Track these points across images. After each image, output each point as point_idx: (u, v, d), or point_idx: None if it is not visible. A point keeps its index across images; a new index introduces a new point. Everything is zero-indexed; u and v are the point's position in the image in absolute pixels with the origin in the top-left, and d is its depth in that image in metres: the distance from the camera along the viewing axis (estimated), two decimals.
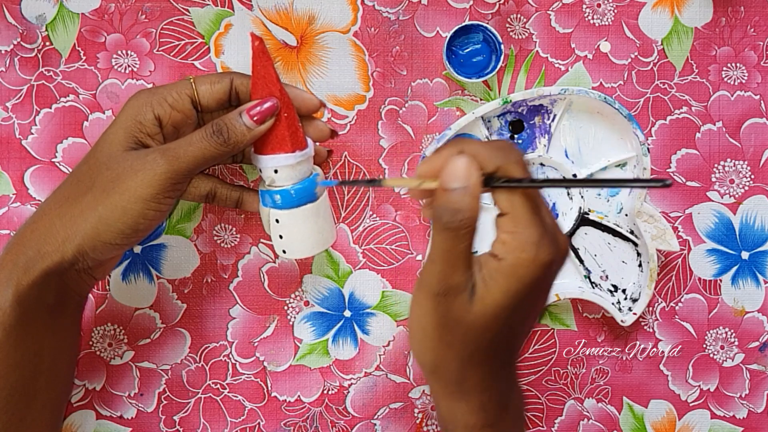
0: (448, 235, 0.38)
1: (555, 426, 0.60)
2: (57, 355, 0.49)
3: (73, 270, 0.47)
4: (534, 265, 0.38)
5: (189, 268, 0.58)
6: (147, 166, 0.46)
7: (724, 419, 0.60)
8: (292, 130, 0.49)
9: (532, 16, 0.58)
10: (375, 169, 0.58)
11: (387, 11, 0.58)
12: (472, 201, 0.38)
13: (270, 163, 0.49)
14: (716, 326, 0.60)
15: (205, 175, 0.55)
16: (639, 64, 0.59)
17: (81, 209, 0.46)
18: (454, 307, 0.39)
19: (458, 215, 0.38)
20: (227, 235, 0.58)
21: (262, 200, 0.51)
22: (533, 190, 0.39)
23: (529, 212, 0.39)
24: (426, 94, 0.58)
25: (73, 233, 0.46)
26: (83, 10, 0.57)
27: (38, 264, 0.46)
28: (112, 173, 0.47)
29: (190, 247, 0.57)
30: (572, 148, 0.58)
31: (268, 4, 0.57)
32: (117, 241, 0.47)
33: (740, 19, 0.59)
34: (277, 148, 0.49)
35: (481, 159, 0.39)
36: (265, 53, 0.49)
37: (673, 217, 0.59)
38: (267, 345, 0.58)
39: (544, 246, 0.38)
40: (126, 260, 0.57)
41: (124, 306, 0.57)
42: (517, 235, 0.38)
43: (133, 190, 0.46)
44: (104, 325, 0.57)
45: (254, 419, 0.58)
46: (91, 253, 0.47)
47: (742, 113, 0.59)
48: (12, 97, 0.57)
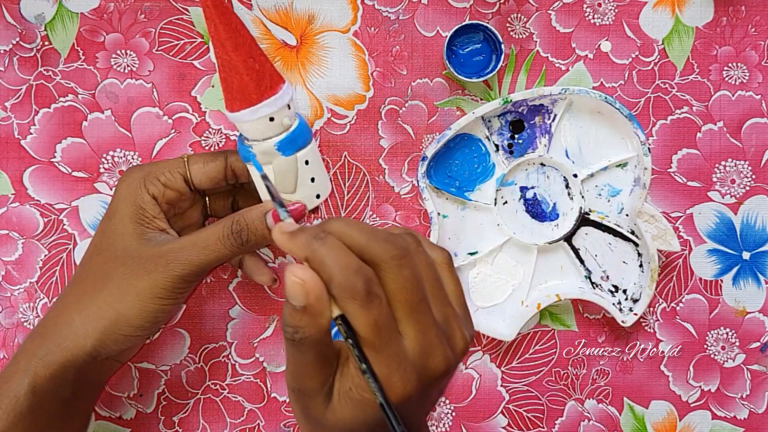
0: (291, 345, 0.36)
1: (555, 427, 0.60)
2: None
3: (94, 361, 0.48)
4: (377, 405, 0.36)
5: None
6: (160, 268, 0.47)
7: (725, 420, 0.60)
8: (265, 69, 0.45)
9: (532, 15, 0.58)
10: (375, 169, 0.58)
11: (387, 11, 0.57)
12: (311, 320, 0.35)
13: (264, 111, 0.45)
14: (717, 327, 0.60)
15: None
16: (640, 63, 0.59)
17: (99, 305, 0.47)
18: (311, 406, 0.37)
19: (297, 333, 0.35)
20: None
21: (259, 159, 0.47)
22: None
23: (373, 352, 0.35)
24: (426, 94, 0.58)
25: (93, 329, 0.47)
26: (82, 9, 0.56)
27: (57, 356, 0.47)
28: (127, 270, 0.47)
29: None
30: (573, 148, 0.58)
31: (268, 3, 0.57)
32: (138, 333, 0.48)
33: (741, 18, 0.59)
34: (266, 93, 0.45)
35: (323, 276, 0.35)
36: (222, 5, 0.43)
37: (674, 217, 0.59)
38: (267, 345, 0.58)
39: (391, 387, 0.35)
40: None
41: None
42: (360, 373, 0.36)
43: (149, 290, 0.47)
44: None
45: (254, 420, 0.58)
46: (112, 345, 0.48)
47: (743, 113, 0.59)
48: (11, 97, 0.56)
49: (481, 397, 0.59)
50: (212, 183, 0.51)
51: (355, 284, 0.35)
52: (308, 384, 0.37)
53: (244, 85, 0.44)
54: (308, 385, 0.37)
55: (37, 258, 0.57)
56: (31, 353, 0.47)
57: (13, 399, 0.46)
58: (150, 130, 0.57)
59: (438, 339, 0.37)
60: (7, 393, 0.47)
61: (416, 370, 0.36)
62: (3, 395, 0.47)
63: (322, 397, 0.37)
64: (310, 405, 0.37)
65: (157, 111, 0.57)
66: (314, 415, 0.38)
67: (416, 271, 0.36)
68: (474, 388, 0.59)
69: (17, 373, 0.47)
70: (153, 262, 0.47)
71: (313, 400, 0.37)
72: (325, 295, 0.35)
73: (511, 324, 0.58)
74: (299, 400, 0.38)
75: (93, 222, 0.57)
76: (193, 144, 0.57)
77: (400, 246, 0.36)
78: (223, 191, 0.54)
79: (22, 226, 0.57)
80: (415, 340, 0.36)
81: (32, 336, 0.49)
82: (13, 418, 0.46)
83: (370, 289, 0.35)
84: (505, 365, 0.59)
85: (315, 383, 0.37)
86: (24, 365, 0.47)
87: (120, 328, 0.47)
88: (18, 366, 0.47)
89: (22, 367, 0.47)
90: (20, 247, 0.57)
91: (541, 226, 0.59)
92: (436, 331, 0.37)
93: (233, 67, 0.43)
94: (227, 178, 0.51)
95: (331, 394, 0.37)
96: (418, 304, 0.36)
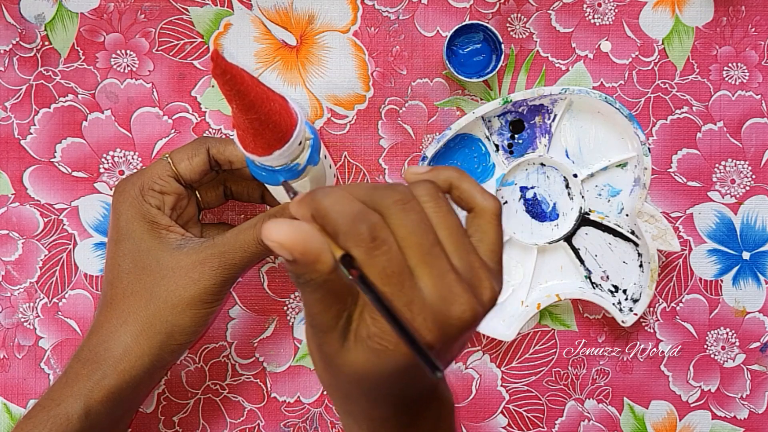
0: (298, 285, 0.35)
1: (555, 427, 0.59)
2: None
3: (148, 376, 0.49)
4: (396, 354, 0.34)
5: None
6: (205, 275, 0.48)
7: (725, 420, 0.60)
8: (284, 108, 0.44)
9: (532, 15, 0.58)
10: (375, 169, 0.58)
11: (387, 11, 0.57)
12: (307, 268, 0.34)
13: (295, 144, 0.44)
14: (717, 327, 0.60)
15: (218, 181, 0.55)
16: (640, 63, 0.59)
17: (150, 322, 0.49)
18: (325, 342, 0.37)
19: (300, 278, 0.35)
20: None
21: (297, 176, 0.46)
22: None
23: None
24: (426, 94, 0.58)
25: (149, 346, 0.48)
26: (82, 9, 0.56)
27: (114, 380, 0.48)
28: (171, 282, 0.48)
29: None
30: (573, 148, 0.58)
31: (268, 3, 0.57)
32: (191, 339, 0.50)
33: (741, 18, 0.59)
34: (291, 129, 0.44)
35: (327, 228, 0.34)
36: (233, 68, 0.40)
37: (674, 217, 0.59)
38: (266, 345, 0.58)
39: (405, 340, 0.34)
40: None
41: None
42: (376, 322, 0.35)
43: (198, 298, 0.48)
44: None
45: (254, 420, 0.58)
46: (169, 357, 0.49)
47: (743, 113, 0.59)
48: (11, 97, 0.56)
49: (481, 397, 0.59)
50: (200, 175, 0.51)
51: (358, 230, 0.33)
52: (321, 319, 0.36)
53: (276, 131, 0.43)
54: (321, 319, 0.36)
55: (37, 258, 0.57)
56: (84, 377, 0.48)
57: (65, 421, 0.47)
58: (150, 130, 0.57)
59: (459, 285, 0.34)
60: (58, 415, 0.47)
61: (436, 319, 0.34)
62: (53, 417, 0.47)
63: (337, 333, 0.36)
64: (324, 341, 0.37)
65: (157, 111, 0.57)
66: (328, 351, 0.37)
67: (425, 216, 0.35)
68: (474, 388, 0.59)
69: (69, 397, 0.47)
70: (197, 270, 0.48)
71: (327, 336, 0.36)
72: (313, 244, 0.34)
73: (511, 324, 0.58)
74: (315, 336, 0.37)
75: (93, 222, 0.57)
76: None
77: (402, 191, 0.35)
78: (212, 182, 0.54)
79: (22, 226, 0.57)
80: (431, 287, 0.34)
81: (81, 361, 0.49)
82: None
83: (374, 234, 0.33)
84: (505, 365, 0.59)
85: (327, 318, 0.36)
86: (78, 389, 0.48)
87: (176, 339, 0.49)
88: (70, 390, 0.48)
89: (75, 391, 0.48)
90: (20, 247, 0.57)
91: (541, 226, 0.59)
92: (454, 277, 0.34)
93: (262, 122, 0.42)
94: (212, 167, 0.51)
95: (346, 333, 0.36)
96: (431, 248, 0.34)
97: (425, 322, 0.34)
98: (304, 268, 0.34)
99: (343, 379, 0.37)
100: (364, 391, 0.37)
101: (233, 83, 0.40)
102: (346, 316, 0.36)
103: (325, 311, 0.36)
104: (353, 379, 0.36)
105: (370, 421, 0.39)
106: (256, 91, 0.41)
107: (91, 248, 0.57)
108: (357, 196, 0.35)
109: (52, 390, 0.49)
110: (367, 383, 0.36)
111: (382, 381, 0.36)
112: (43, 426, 0.47)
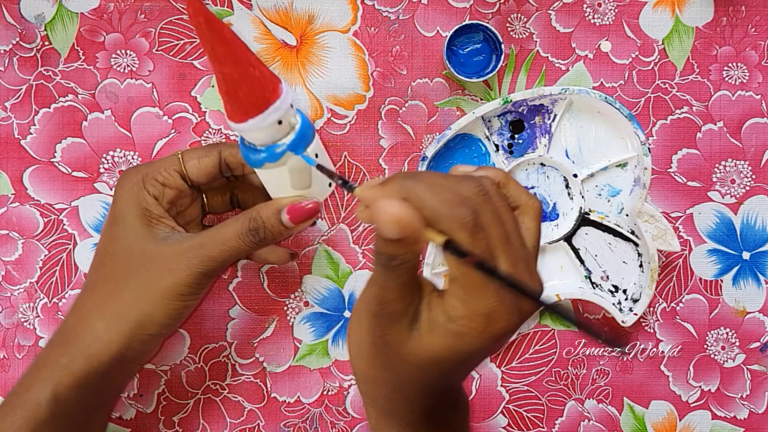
0: (385, 270, 0.37)
1: (555, 427, 0.60)
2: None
3: (119, 365, 0.48)
4: (483, 336, 0.36)
5: None
6: (182, 266, 0.47)
7: (725, 420, 0.60)
8: (265, 74, 0.43)
9: (532, 15, 0.58)
10: (375, 170, 0.58)
11: (387, 11, 0.57)
12: (408, 248, 0.36)
13: (273, 116, 0.43)
14: (717, 327, 0.60)
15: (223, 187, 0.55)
16: (640, 63, 0.59)
17: (122, 308, 0.48)
18: (392, 331, 0.38)
19: (394, 261, 0.36)
20: None
21: (276, 158, 0.45)
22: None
23: (481, 283, 0.35)
24: (426, 94, 0.58)
25: (117, 332, 0.47)
26: (82, 9, 0.56)
27: (81, 364, 0.47)
28: (149, 270, 0.48)
29: None
30: (573, 148, 0.58)
31: (268, 3, 0.57)
32: (162, 331, 0.49)
33: (741, 18, 0.59)
34: (271, 98, 0.43)
35: (425, 212, 0.36)
36: (209, 13, 0.40)
37: (674, 217, 0.59)
38: (266, 345, 0.58)
39: (495, 319, 0.36)
40: None
41: None
42: (467, 303, 0.36)
43: (173, 288, 0.47)
44: None
45: (254, 420, 0.58)
46: (138, 347, 0.48)
47: (743, 113, 0.59)
48: (11, 97, 0.56)
49: (481, 397, 0.59)
50: (208, 178, 0.51)
51: (463, 215, 0.35)
52: (395, 306, 0.37)
53: (250, 95, 0.43)
54: (395, 307, 0.37)
55: (37, 258, 0.57)
56: (53, 361, 0.47)
57: (35, 407, 0.46)
58: (150, 130, 0.57)
59: (527, 273, 0.37)
60: (27, 401, 0.47)
61: (516, 305, 0.36)
62: (23, 403, 0.47)
63: (407, 322, 0.38)
64: (391, 330, 0.38)
65: (157, 111, 0.57)
66: (393, 340, 0.38)
67: (497, 207, 0.37)
68: (474, 388, 0.59)
69: (39, 382, 0.47)
70: (175, 261, 0.47)
71: (396, 324, 0.38)
72: (419, 223, 0.35)
73: None
74: (380, 326, 0.38)
75: (93, 222, 0.57)
76: (193, 144, 0.57)
77: (481, 184, 0.37)
78: (220, 187, 0.54)
79: (22, 226, 0.57)
80: (508, 272, 0.36)
81: (52, 344, 0.49)
82: (33, 427, 0.46)
83: (477, 220, 0.35)
84: (505, 365, 0.59)
85: (402, 306, 0.37)
86: (46, 374, 0.47)
87: (146, 329, 0.48)
88: (39, 374, 0.47)
89: (44, 375, 0.47)
90: (20, 247, 0.57)
91: (541, 226, 0.59)
92: (524, 265, 0.37)
93: (235, 80, 0.42)
94: (222, 171, 0.51)
95: (416, 321, 0.38)
96: (508, 237, 0.37)
97: (512, 306, 0.36)
98: (406, 248, 0.35)
99: (405, 368, 0.38)
100: (422, 379, 0.39)
101: (207, 26, 0.40)
102: (415, 305, 0.38)
103: (401, 298, 0.37)
104: (420, 366, 0.38)
105: (412, 414, 0.40)
106: (233, 46, 0.41)
107: (91, 248, 0.57)
108: (443, 185, 0.37)
109: (25, 375, 0.48)
110: (432, 370, 0.38)
111: (451, 365, 0.38)
112: (14, 412, 0.46)
